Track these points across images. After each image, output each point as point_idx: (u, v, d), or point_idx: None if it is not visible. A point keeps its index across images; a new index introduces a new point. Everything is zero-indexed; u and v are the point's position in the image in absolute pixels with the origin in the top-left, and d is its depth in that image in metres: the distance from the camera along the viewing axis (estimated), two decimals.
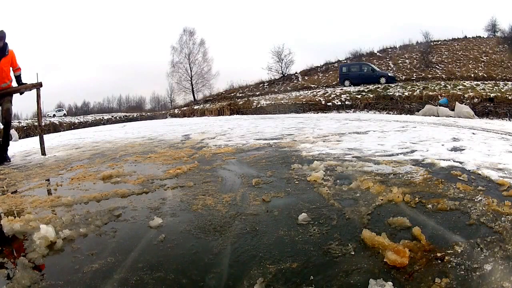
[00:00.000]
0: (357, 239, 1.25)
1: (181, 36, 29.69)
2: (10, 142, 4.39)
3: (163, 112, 25.67)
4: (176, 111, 23.16)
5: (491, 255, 1.11)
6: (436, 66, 23.00)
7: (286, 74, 28.28)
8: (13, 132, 12.52)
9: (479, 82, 15.76)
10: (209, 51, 30.34)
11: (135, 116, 24.58)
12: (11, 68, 4.05)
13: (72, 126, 18.26)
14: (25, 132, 14.86)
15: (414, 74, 22.03)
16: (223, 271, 1.11)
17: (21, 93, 4.20)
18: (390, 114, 12.35)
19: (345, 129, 5.03)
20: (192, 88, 29.58)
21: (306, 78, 26.37)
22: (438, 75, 21.22)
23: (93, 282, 1.08)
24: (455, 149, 2.91)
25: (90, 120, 21.32)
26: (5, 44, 3.92)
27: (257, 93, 23.73)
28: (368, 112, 13.61)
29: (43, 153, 4.11)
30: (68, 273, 1.14)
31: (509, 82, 15.65)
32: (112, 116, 24.00)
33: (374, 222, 1.39)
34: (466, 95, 12.56)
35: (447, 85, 15.01)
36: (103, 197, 1.91)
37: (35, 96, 4.22)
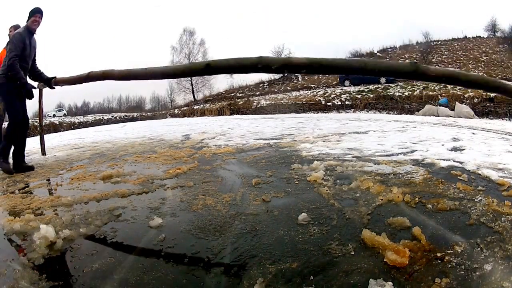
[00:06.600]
0: (357, 239, 1.25)
1: (181, 36, 29.75)
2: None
3: (163, 112, 25.64)
4: (176, 111, 23.18)
5: (491, 255, 1.11)
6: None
7: (286, 74, 28.28)
8: None
9: None
10: (209, 51, 30.35)
11: (135, 116, 24.55)
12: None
13: (72, 126, 18.24)
14: None
15: None
16: (223, 271, 1.11)
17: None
18: (390, 114, 12.37)
19: (345, 129, 5.03)
20: (192, 88, 29.60)
21: (306, 78, 26.37)
22: None
23: (93, 282, 1.08)
24: (455, 149, 2.91)
25: (90, 120, 21.32)
26: None
27: (257, 93, 23.75)
28: (368, 112, 13.63)
29: (43, 153, 4.11)
30: (68, 273, 1.14)
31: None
32: (112, 116, 23.99)
33: (374, 222, 1.39)
34: (466, 95, 12.57)
35: (447, 85, 15.01)
36: (103, 197, 1.90)
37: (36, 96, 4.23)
